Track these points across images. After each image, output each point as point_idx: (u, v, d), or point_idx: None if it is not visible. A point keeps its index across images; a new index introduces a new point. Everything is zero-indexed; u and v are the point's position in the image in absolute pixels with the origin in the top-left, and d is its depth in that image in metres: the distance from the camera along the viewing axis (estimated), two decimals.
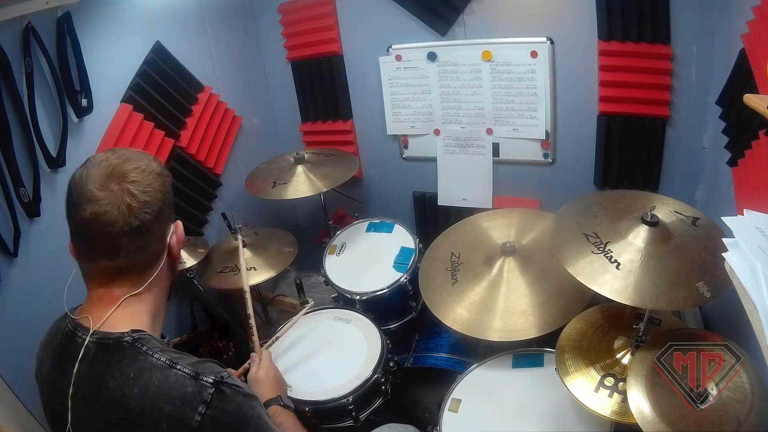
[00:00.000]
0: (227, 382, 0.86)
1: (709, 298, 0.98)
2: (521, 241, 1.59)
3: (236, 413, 0.86)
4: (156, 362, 0.84)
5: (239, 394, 0.88)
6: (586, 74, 1.79)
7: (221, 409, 0.84)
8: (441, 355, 1.73)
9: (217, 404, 0.83)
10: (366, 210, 2.41)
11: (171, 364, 0.85)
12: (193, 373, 0.84)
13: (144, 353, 0.85)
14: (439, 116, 2.11)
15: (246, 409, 0.88)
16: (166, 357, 0.85)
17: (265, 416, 0.94)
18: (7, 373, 1.28)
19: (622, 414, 1.09)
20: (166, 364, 0.85)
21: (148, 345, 0.86)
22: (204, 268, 1.81)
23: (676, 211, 1.18)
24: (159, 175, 0.92)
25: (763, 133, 1.13)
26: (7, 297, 1.32)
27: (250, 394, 0.91)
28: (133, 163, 0.89)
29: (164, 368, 0.84)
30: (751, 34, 1.24)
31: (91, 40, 1.53)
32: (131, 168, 0.88)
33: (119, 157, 0.90)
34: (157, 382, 0.83)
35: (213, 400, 0.83)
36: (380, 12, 2.02)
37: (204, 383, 0.84)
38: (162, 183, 0.92)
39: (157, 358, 0.85)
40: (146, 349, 0.86)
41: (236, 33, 2.22)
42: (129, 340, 0.86)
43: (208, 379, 0.84)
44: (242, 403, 0.88)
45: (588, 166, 1.94)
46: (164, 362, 0.85)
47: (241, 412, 0.87)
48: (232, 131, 2.20)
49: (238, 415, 0.86)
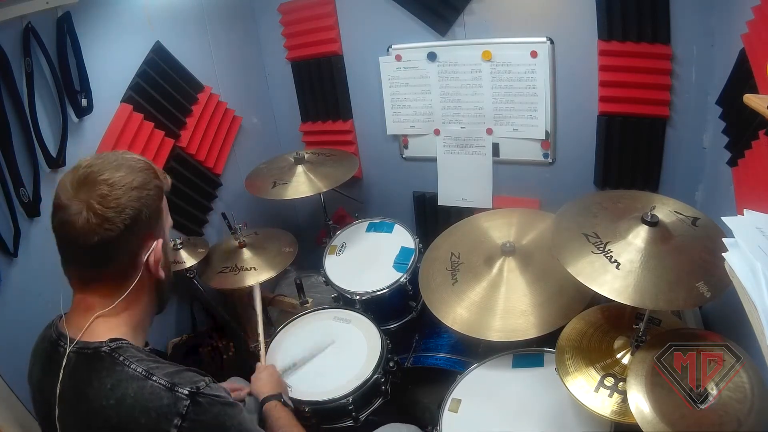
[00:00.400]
0: (204, 392, 0.85)
1: (709, 298, 0.98)
2: (521, 241, 1.59)
3: (213, 424, 0.85)
4: (132, 373, 0.83)
5: (216, 403, 0.86)
6: (586, 74, 1.79)
7: (197, 421, 0.82)
8: (441, 355, 1.73)
9: (193, 416, 0.82)
10: (366, 210, 2.41)
11: (147, 375, 0.83)
12: (169, 384, 0.83)
13: (121, 363, 0.84)
14: (439, 116, 2.11)
15: (224, 419, 0.87)
16: (142, 368, 0.84)
17: (248, 422, 0.92)
18: (7, 373, 1.28)
19: (622, 414, 1.08)
20: (142, 375, 0.83)
21: (125, 354, 0.85)
22: (204, 268, 1.81)
23: (676, 211, 1.18)
24: (135, 189, 0.86)
25: (763, 133, 1.13)
26: (7, 297, 1.32)
27: (230, 402, 0.89)
28: (109, 173, 0.85)
29: (140, 379, 0.83)
30: (751, 34, 1.24)
31: (91, 40, 1.53)
32: (103, 179, 0.84)
33: (99, 166, 0.86)
34: (133, 393, 0.82)
35: (188, 412, 0.82)
36: (380, 12, 2.02)
37: (179, 395, 0.82)
38: (138, 198, 0.86)
39: (133, 369, 0.84)
40: (123, 359, 0.85)
41: (236, 33, 2.22)
42: (107, 350, 0.85)
43: (183, 391, 0.83)
44: (219, 413, 0.86)
45: (588, 166, 1.94)
46: (140, 373, 0.83)
47: (219, 422, 0.86)
48: (232, 131, 2.20)
49: (215, 426, 0.85)
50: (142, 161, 0.92)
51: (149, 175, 0.90)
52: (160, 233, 0.93)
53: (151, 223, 0.89)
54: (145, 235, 0.89)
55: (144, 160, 0.92)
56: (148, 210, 0.87)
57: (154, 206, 0.89)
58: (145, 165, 0.91)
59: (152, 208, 0.89)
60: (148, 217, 0.88)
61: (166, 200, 0.97)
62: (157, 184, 0.91)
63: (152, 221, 0.89)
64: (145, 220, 0.87)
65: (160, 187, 0.92)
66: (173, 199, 1.85)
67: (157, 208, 0.91)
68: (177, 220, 1.88)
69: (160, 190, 0.92)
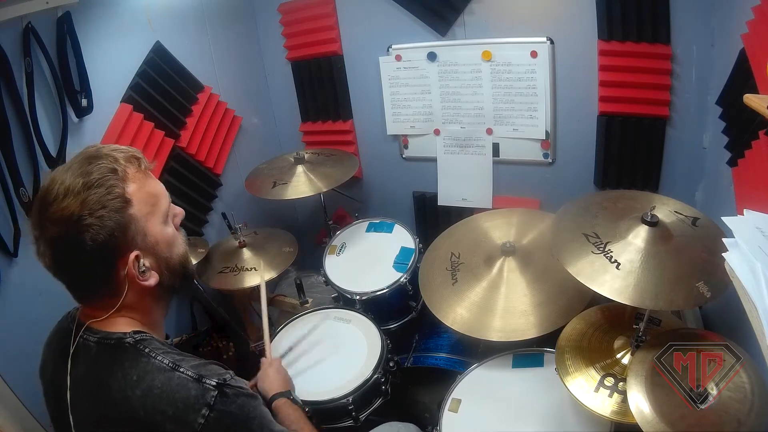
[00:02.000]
0: (230, 384, 0.87)
1: (709, 298, 0.98)
2: (521, 241, 1.59)
3: (239, 414, 0.87)
4: (159, 365, 0.85)
5: (242, 395, 0.88)
6: (586, 74, 1.79)
7: (224, 411, 0.84)
8: (441, 355, 1.73)
9: (220, 406, 0.84)
10: (366, 210, 2.41)
11: (174, 367, 0.85)
12: (197, 375, 0.85)
13: (147, 355, 0.86)
14: (439, 116, 2.11)
15: (249, 410, 0.89)
16: (169, 359, 0.86)
17: (269, 415, 0.94)
18: (7, 374, 1.28)
19: (622, 414, 1.08)
20: (169, 366, 0.85)
21: (150, 347, 0.87)
22: (204, 268, 1.81)
23: (676, 211, 1.18)
24: (83, 217, 0.79)
25: (763, 133, 1.13)
26: (7, 297, 1.32)
27: (253, 394, 0.92)
28: (56, 205, 0.80)
29: (167, 371, 0.85)
30: (751, 34, 1.24)
31: (91, 40, 1.53)
32: (49, 215, 0.80)
33: (50, 193, 0.81)
34: (160, 384, 0.83)
35: (216, 403, 0.83)
36: (380, 12, 2.02)
37: (207, 386, 0.84)
38: (87, 227, 0.80)
39: (159, 360, 0.85)
40: (149, 351, 0.86)
41: (236, 33, 2.22)
42: (131, 341, 0.86)
43: (211, 382, 0.85)
44: (245, 404, 0.88)
45: (588, 166, 1.94)
46: (167, 365, 0.85)
47: (244, 413, 0.88)
48: (232, 131, 2.20)
49: (240, 416, 0.87)
50: (97, 168, 0.83)
51: (101, 191, 0.82)
52: (134, 243, 0.86)
53: (116, 241, 0.83)
54: (113, 255, 0.84)
55: (101, 165, 0.84)
56: (104, 233, 0.81)
57: (112, 225, 0.82)
58: (99, 175, 0.82)
59: (109, 228, 0.82)
60: (107, 239, 0.82)
61: (148, 192, 0.89)
62: (116, 195, 0.83)
63: (116, 239, 0.83)
64: (104, 244, 0.82)
65: (120, 197, 0.83)
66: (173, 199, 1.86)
67: (119, 224, 0.83)
68: None
69: (120, 200, 0.83)
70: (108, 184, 0.83)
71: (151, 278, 0.89)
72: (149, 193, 0.90)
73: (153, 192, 0.91)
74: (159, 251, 0.91)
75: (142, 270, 0.87)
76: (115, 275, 0.86)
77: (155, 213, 0.90)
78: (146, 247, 0.88)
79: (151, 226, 0.89)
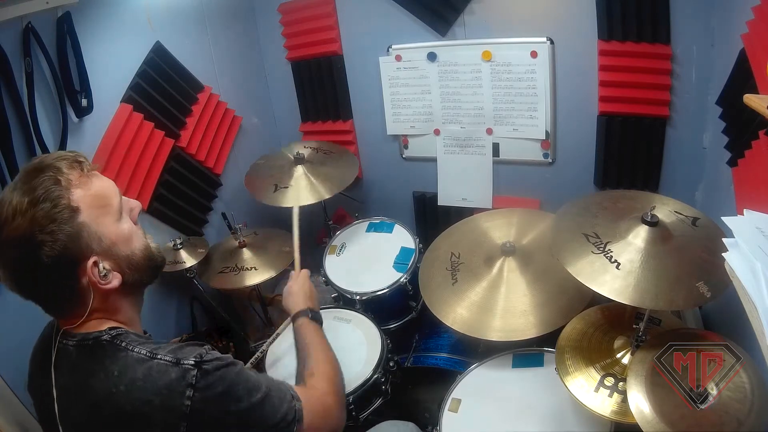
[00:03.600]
0: (206, 359, 0.87)
1: (709, 298, 0.98)
2: (521, 241, 1.59)
3: (222, 385, 0.88)
4: (137, 356, 0.86)
5: (220, 366, 0.89)
6: (586, 74, 1.79)
7: (207, 387, 0.85)
8: (441, 355, 1.73)
9: (203, 383, 0.85)
10: (366, 210, 2.41)
11: (152, 356, 0.86)
12: (174, 359, 0.86)
13: (124, 349, 0.86)
14: (439, 116, 2.11)
15: (231, 377, 0.90)
16: (145, 349, 0.87)
17: (252, 376, 0.95)
18: (7, 373, 1.28)
19: (622, 414, 1.08)
20: (146, 356, 0.86)
21: (127, 340, 0.88)
22: (204, 268, 1.81)
23: (676, 211, 1.18)
24: (31, 235, 0.79)
25: (763, 133, 1.13)
26: (7, 297, 1.31)
27: (231, 361, 0.92)
28: (7, 225, 0.80)
29: (146, 360, 0.85)
30: (751, 34, 1.24)
31: (91, 40, 1.53)
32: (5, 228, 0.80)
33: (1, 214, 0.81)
34: (142, 376, 0.84)
35: (198, 381, 0.84)
36: (380, 12, 2.01)
37: (186, 366, 0.85)
38: (37, 246, 0.80)
39: (137, 351, 0.86)
40: (125, 345, 0.87)
41: (236, 33, 2.21)
42: (107, 338, 0.87)
43: (188, 362, 0.85)
44: (225, 374, 0.89)
45: (588, 166, 1.94)
46: (145, 354, 0.86)
47: (226, 382, 0.88)
48: (232, 131, 2.20)
49: (224, 387, 0.88)
50: (40, 181, 0.82)
51: (47, 205, 0.81)
52: (90, 249, 0.85)
53: (71, 251, 0.83)
54: (71, 266, 0.84)
55: (43, 177, 0.83)
56: (58, 246, 0.81)
57: (64, 237, 0.82)
58: (43, 189, 0.81)
59: (62, 241, 0.81)
60: (62, 251, 0.82)
61: (94, 194, 0.88)
62: (63, 206, 0.82)
63: (70, 249, 0.83)
64: (60, 256, 0.82)
65: (66, 207, 0.82)
66: (173, 200, 1.87)
67: (70, 234, 0.82)
68: (177, 220, 1.89)
69: (67, 210, 0.83)
70: (53, 196, 0.82)
71: (114, 279, 0.89)
72: (96, 195, 0.88)
73: (101, 193, 0.90)
74: (118, 251, 0.90)
75: (103, 274, 0.87)
76: (78, 285, 0.86)
77: (107, 213, 0.89)
78: (103, 250, 0.87)
79: (104, 228, 0.88)
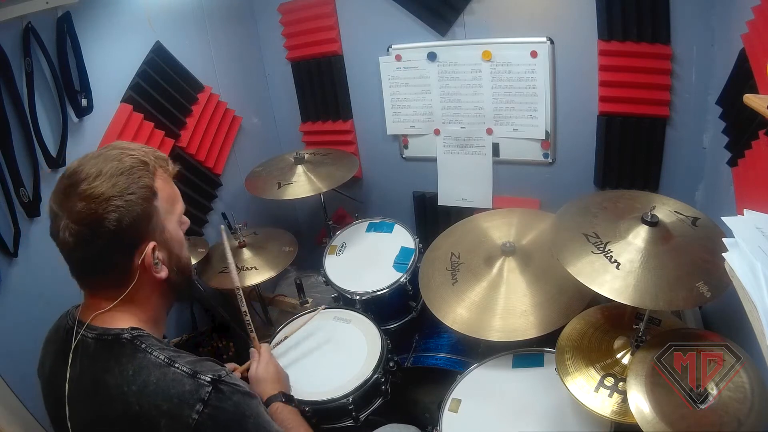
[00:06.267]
0: (225, 380, 0.87)
1: (709, 298, 0.98)
2: (521, 241, 1.59)
3: (234, 411, 0.87)
4: (154, 360, 0.85)
5: (237, 392, 0.88)
6: (586, 74, 1.79)
7: (219, 408, 0.84)
8: (441, 355, 1.73)
9: (215, 402, 0.84)
10: (366, 210, 2.41)
11: (169, 362, 0.85)
12: (191, 371, 0.85)
13: (143, 351, 0.86)
14: (439, 116, 2.11)
15: (244, 408, 0.88)
16: (164, 355, 0.86)
17: (265, 414, 0.94)
18: (7, 373, 1.28)
19: (622, 414, 1.08)
20: (164, 362, 0.85)
21: (147, 342, 0.87)
22: (204, 268, 1.81)
23: (676, 211, 1.18)
24: (113, 198, 0.83)
25: (763, 133, 1.13)
26: (7, 297, 1.32)
27: (249, 392, 0.92)
28: (86, 183, 0.83)
29: (162, 366, 0.85)
30: (751, 34, 1.24)
31: (91, 40, 1.53)
32: (80, 192, 0.83)
33: (80, 173, 0.84)
34: (155, 379, 0.83)
35: (210, 399, 0.83)
36: (380, 12, 2.02)
37: (201, 381, 0.84)
38: (116, 208, 0.83)
39: (155, 356, 0.86)
40: (145, 347, 0.86)
41: (236, 33, 2.22)
42: (128, 336, 0.87)
43: (205, 378, 0.85)
44: (240, 402, 0.88)
45: (588, 166, 1.94)
46: (162, 360, 0.85)
47: (239, 411, 0.87)
48: (232, 131, 2.20)
49: (236, 414, 0.87)
50: (129, 158, 0.88)
51: (132, 178, 0.86)
52: (153, 235, 0.89)
53: (138, 228, 0.86)
54: (133, 242, 0.87)
55: (134, 156, 0.89)
56: (129, 217, 0.84)
57: (138, 210, 0.85)
58: (131, 164, 0.87)
59: (135, 214, 0.85)
60: (131, 223, 0.85)
61: (170, 192, 0.94)
62: (144, 185, 0.87)
63: (139, 226, 0.86)
64: (127, 228, 0.84)
65: (148, 187, 0.88)
66: None
67: (144, 212, 0.86)
68: None
69: (148, 190, 0.88)
70: (139, 173, 0.87)
71: (162, 271, 0.92)
72: (171, 193, 0.96)
73: (174, 194, 0.97)
74: (172, 248, 0.95)
75: (156, 262, 0.90)
76: (129, 263, 0.88)
77: (173, 213, 0.95)
78: (162, 242, 0.91)
79: (168, 223, 0.93)
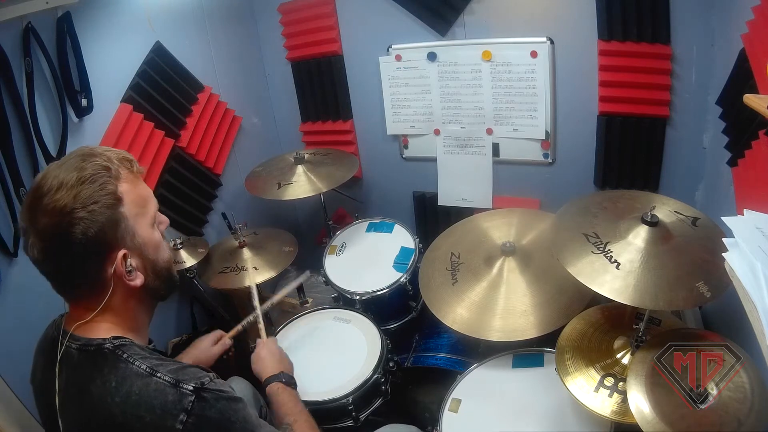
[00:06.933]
0: (208, 387, 0.85)
1: (709, 298, 0.98)
2: (521, 241, 1.59)
3: (219, 419, 0.86)
4: (136, 370, 0.84)
5: (221, 398, 0.87)
6: (586, 74, 1.79)
7: (203, 416, 0.83)
8: (441, 355, 1.73)
9: (199, 411, 0.83)
10: (366, 210, 2.41)
11: (151, 372, 0.84)
12: (173, 380, 0.84)
13: (125, 361, 0.85)
14: (439, 116, 2.11)
15: (229, 414, 0.87)
16: (146, 365, 0.85)
17: (253, 417, 0.92)
18: (7, 373, 1.28)
19: (622, 414, 1.08)
20: (146, 371, 0.84)
21: (129, 352, 0.86)
22: (204, 268, 1.81)
23: (676, 211, 1.18)
24: (74, 210, 0.81)
25: (763, 133, 1.14)
26: (7, 297, 1.32)
27: (234, 397, 0.90)
28: (48, 197, 0.82)
29: (145, 376, 0.84)
30: (751, 34, 1.24)
31: (91, 40, 1.53)
32: (43, 206, 0.82)
33: (43, 186, 0.83)
34: (138, 390, 0.83)
35: (194, 408, 0.82)
36: (380, 12, 2.02)
37: (184, 391, 0.83)
38: (79, 220, 0.81)
39: (137, 365, 0.85)
40: (127, 357, 0.85)
41: (236, 33, 2.22)
42: (110, 347, 0.86)
43: (188, 387, 0.83)
44: (225, 408, 0.87)
45: (588, 166, 1.94)
46: (144, 370, 0.84)
47: (224, 417, 0.86)
48: (232, 131, 2.20)
49: (221, 420, 0.86)
50: (91, 165, 0.85)
51: (94, 186, 0.84)
52: (123, 242, 0.87)
53: (106, 237, 0.85)
54: (101, 251, 0.86)
55: (95, 162, 0.86)
56: (95, 227, 0.83)
57: (103, 220, 0.84)
58: (92, 171, 0.85)
59: (100, 223, 0.83)
60: (97, 233, 0.83)
61: (138, 194, 0.91)
62: (108, 191, 0.85)
63: (106, 235, 0.85)
64: (94, 238, 0.83)
65: (112, 194, 0.85)
66: (173, 200, 1.87)
67: (110, 220, 0.85)
68: (177, 220, 1.88)
69: (112, 197, 0.85)
70: (101, 180, 0.85)
71: (137, 279, 0.90)
72: (139, 195, 0.92)
73: (143, 195, 0.93)
74: (146, 253, 0.92)
75: (129, 269, 0.88)
76: (103, 272, 0.87)
77: (144, 215, 0.92)
78: (134, 247, 0.90)
79: (139, 227, 0.91)
